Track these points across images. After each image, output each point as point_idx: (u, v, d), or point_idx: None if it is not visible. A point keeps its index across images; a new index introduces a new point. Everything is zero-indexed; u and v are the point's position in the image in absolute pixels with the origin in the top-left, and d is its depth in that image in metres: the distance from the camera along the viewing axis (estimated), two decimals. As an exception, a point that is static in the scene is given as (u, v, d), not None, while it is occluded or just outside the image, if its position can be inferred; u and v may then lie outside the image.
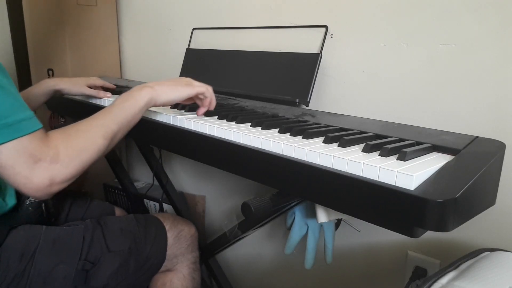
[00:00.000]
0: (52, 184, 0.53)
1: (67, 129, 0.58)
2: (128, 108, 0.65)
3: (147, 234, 0.83)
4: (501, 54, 0.70)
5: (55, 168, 0.53)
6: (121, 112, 0.64)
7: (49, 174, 0.52)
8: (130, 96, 0.67)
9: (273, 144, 0.55)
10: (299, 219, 0.87)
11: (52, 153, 0.53)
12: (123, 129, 0.64)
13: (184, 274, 0.89)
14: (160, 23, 1.39)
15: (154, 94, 0.68)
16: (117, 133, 0.63)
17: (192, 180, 1.40)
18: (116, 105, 0.65)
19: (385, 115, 0.85)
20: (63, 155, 0.54)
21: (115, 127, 0.62)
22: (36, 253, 0.68)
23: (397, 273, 0.91)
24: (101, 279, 0.74)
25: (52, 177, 0.53)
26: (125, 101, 0.66)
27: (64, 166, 0.54)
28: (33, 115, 0.54)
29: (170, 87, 0.71)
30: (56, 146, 0.54)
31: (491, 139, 0.59)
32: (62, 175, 0.54)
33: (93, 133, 0.59)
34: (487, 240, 0.76)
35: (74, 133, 0.58)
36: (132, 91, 0.68)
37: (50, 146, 0.53)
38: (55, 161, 0.53)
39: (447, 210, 0.39)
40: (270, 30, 1.04)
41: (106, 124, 0.61)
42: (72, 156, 0.55)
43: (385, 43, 0.84)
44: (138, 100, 0.66)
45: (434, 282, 0.51)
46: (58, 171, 0.53)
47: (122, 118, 0.64)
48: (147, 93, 0.68)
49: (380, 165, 0.44)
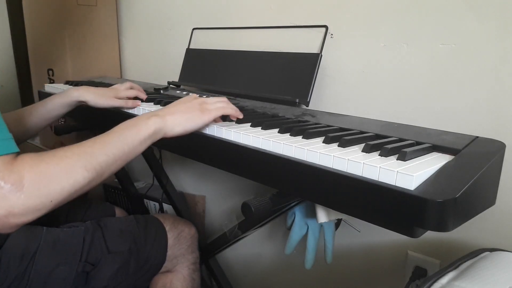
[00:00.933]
0: (9, 216, 0.44)
1: (42, 153, 0.49)
2: (127, 137, 0.56)
3: (147, 235, 0.83)
4: (501, 54, 0.70)
5: (15, 197, 0.44)
6: (117, 141, 0.55)
7: (7, 204, 0.44)
8: (133, 125, 0.58)
9: (273, 144, 0.55)
10: (299, 219, 0.87)
11: (14, 179, 0.44)
12: (116, 161, 0.54)
13: (184, 275, 0.89)
14: (160, 23, 1.39)
15: (163, 125, 0.59)
16: (107, 165, 0.53)
17: (192, 180, 1.40)
18: (114, 132, 0.56)
19: (385, 115, 0.85)
20: (27, 183, 0.45)
21: (104, 158, 0.52)
22: (36, 254, 0.68)
23: (397, 273, 0.91)
24: (101, 281, 0.74)
25: (10, 207, 0.44)
26: (126, 129, 0.57)
27: (27, 196, 0.45)
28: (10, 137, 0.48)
29: (184, 115, 0.61)
30: (21, 171, 0.45)
31: (491, 139, 0.59)
32: (23, 206, 0.45)
33: (72, 162, 0.49)
34: (487, 240, 0.76)
35: (48, 159, 0.48)
36: (138, 118, 0.59)
37: (13, 171, 0.44)
38: (16, 189, 0.44)
39: (447, 210, 0.39)
40: (270, 30, 1.04)
41: (92, 153, 0.51)
42: (38, 185, 0.45)
43: (385, 43, 0.84)
44: (142, 130, 0.57)
45: (434, 282, 0.51)
46: (18, 201, 0.44)
47: (116, 149, 0.54)
48: (155, 123, 0.58)
49: (380, 165, 0.44)
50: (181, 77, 1.21)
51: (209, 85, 1.10)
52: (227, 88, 1.04)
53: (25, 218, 0.46)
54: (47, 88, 1.21)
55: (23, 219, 0.45)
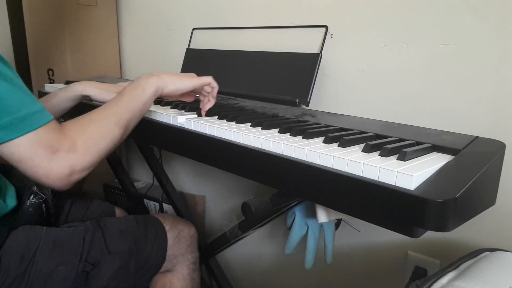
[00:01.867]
0: (72, 173, 0.54)
1: (80, 119, 0.59)
2: (137, 96, 0.65)
3: (147, 235, 0.83)
4: (501, 54, 0.70)
5: (74, 157, 0.54)
6: (132, 100, 0.65)
7: (69, 164, 0.53)
8: (138, 85, 0.67)
9: (273, 144, 0.55)
10: (299, 219, 0.87)
11: (69, 142, 0.54)
12: (135, 117, 0.65)
13: (183, 275, 0.89)
14: (160, 23, 1.39)
15: (161, 83, 0.68)
16: (130, 121, 0.64)
17: (192, 180, 1.40)
18: (126, 94, 0.65)
19: (385, 115, 0.85)
20: (80, 145, 0.55)
21: (128, 115, 0.63)
22: (36, 254, 0.68)
23: (397, 273, 0.91)
24: (101, 281, 0.74)
25: (72, 166, 0.53)
26: (134, 89, 0.66)
27: (82, 155, 0.55)
28: (44, 107, 0.54)
29: (177, 77, 0.72)
30: (72, 136, 0.54)
31: (491, 139, 0.59)
32: (81, 164, 0.55)
33: (107, 122, 0.60)
34: (487, 240, 0.76)
35: (87, 123, 0.58)
36: (139, 79, 0.68)
37: (66, 136, 0.54)
38: (72, 151, 0.53)
39: (447, 210, 0.39)
40: (270, 30, 1.04)
41: (119, 112, 0.62)
42: (89, 145, 0.56)
43: (385, 43, 0.84)
44: (146, 88, 0.67)
45: (434, 282, 0.51)
46: (77, 160, 0.54)
47: (133, 106, 0.64)
48: (155, 81, 0.68)
49: (380, 165, 0.44)
50: (181, 77, 1.21)
51: (209, 85, 1.10)
52: (227, 88, 1.04)
53: (83, 174, 0.56)
54: (47, 88, 1.21)
55: (81, 174, 0.55)
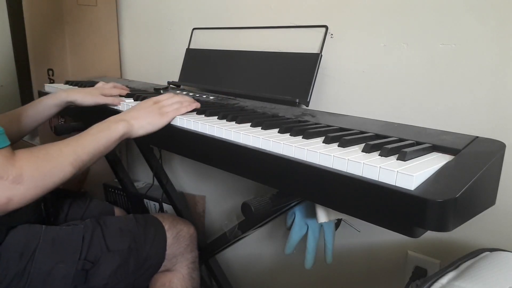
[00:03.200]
0: (9, 203, 0.52)
1: (36, 150, 0.57)
2: (101, 139, 0.65)
3: (147, 234, 0.83)
4: (501, 54, 0.70)
5: (16, 189, 0.52)
6: (95, 142, 0.64)
7: (8, 194, 0.51)
8: (106, 127, 0.67)
9: (273, 144, 0.55)
10: (299, 219, 0.87)
11: (15, 173, 0.52)
12: (93, 159, 0.64)
13: (183, 274, 0.89)
14: (160, 23, 1.39)
15: (129, 129, 0.69)
16: (87, 162, 0.63)
17: (192, 180, 1.40)
18: (91, 134, 0.65)
19: (385, 115, 0.85)
20: (27, 177, 0.53)
21: (86, 157, 0.62)
22: (35, 252, 0.68)
23: (397, 273, 0.91)
24: (101, 279, 0.74)
25: (11, 197, 0.52)
26: (100, 131, 0.66)
27: (26, 188, 0.53)
28: (3, 131, 0.53)
29: (146, 119, 0.71)
30: (21, 166, 0.53)
31: (491, 139, 0.59)
32: (22, 197, 0.53)
33: (62, 160, 0.58)
34: (487, 240, 0.76)
35: (42, 156, 0.57)
36: (109, 122, 0.68)
37: (15, 166, 0.52)
38: (16, 182, 0.52)
39: (447, 210, 0.39)
40: (270, 30, 1.04)
41: (77, 152, 0.61)
42: (36, 180, 0.54)
43: (385, 43, 0.84)
44: (113, 133, 0.67)
45: (434, 282, 0.51)
46: (18, 192, 0.52)
47: (94, 148, 0.64)
48: (123, 127, 0.68)
49: (380, 165, 0.44)
50: (181, 77, 1.21)
51: (209, 85, 1.10)
52: (227, 88, 1.04)
53: (21, 205, 0.54)
54: (47, 88, 1.21)
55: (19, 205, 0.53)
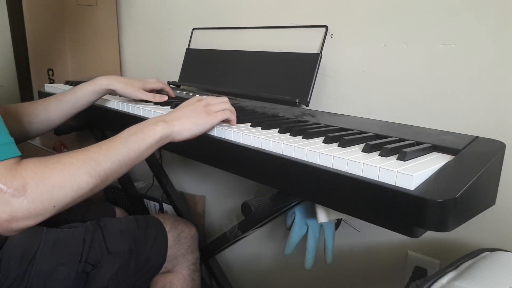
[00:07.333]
0: (12, 220, 0.44)
1: (46, 159, 0.49)
2: (133, 144, 0.55)
3: (147, 235, 0.83)
4: (501, 54, 0.70)
5: (18, 202, 0.44)
6: (123, 147, 0.54)
7: (9, 209, 0.44)
8: (140, 130, 0.57)
9: (273, 144, 0.55)
10: (299, 219, 0.87)
11: (17, 184, 0.44)
12: (121, 167, 0.53)
13: (184, 275, 0.89)
14: (160, 23, 1.39)
15: (170, 131, 0.59)
16: (112, 171, 0.52)
17: (192, 180, 1.40)
18: (119, 138, 0.55)
19: (385, 115, 0.85)
20: (31, 189, 0.45)
21: (109, 165, 0.52)
22: (36, 255, 0.68)
23: (397, 273, 0.91)
24: (101, 281, 0.74)
25: (12, 212, 0.44)
26: (132, 135, 0.56)
27: (30, 202, 0.45)
28: (12, 141, 0.48)
29: (191, 120, 0.61)
30: (25, 176, 0.45)
31: (491, 139, 0.59)
32: (26, 211, 0.45)
33: (76, 168, 0.49)
34: (487, 240, 0.76)
35: (51, 165, 0.47)
36: (146, 123, 0.58)
37: (16, 176, 0.45)
38: (19, 195, 0.44)
39: (447, 210, 0.39)
40: (270, 30, 1.04)
41: (97, 160, 0.51)
42: (41, 191, 0.46)
43: (385, 43, 0.84)
44: (149, 136, 0.56)
45: (434, 282, 0.51)
46: (22, 206, 0.44)
47: (121, 155, 0.53)
48: (162, 129, 0.58)
49: (380, 165, 0.44)
50: (181, 77, 1.21)
51: (209, 85, 1.10)
52: (227, 88, 1.04)
53: (28, 223, 0.46)
54: (47, 88, 1.21)
55: (25, 223, 0.46)
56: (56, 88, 1.14)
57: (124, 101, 0.89)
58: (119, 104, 0.88)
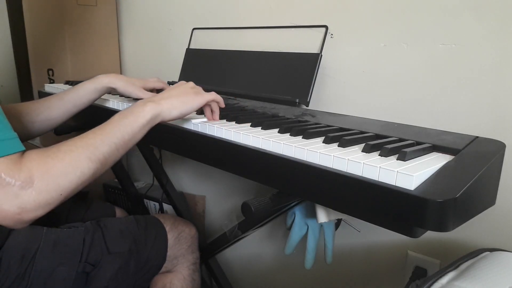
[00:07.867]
0: (23, 212, 0.46)
1: (47, 149, 0.50)
2: (125, 126, 0.57)
3: (147, 235, 0.83)
4: (501, 54, 0.70)
5: (26, 194, 0.46)
6: (116, 130, 0.56)
7: (19, 201, 0.46)
8: (130, 113, 0.59)
9: (273, 144, 0.55)
10: (299, 219, 0.87)
11: (24, 176, 0.46)
12: (118, 150, 0.56)
13: (184, 275, 0.89)
14: (160, 23, 1.39)
15: (159, 110, 0.61)
16: (110, 155, 0.55)
17: (192, 180, 1.40)
18: (112, 122, 0.57)
19: (385, 115, 0.85)
20: (37, 179, 0.47)
21: (106, 148, 0.54)
22: (36, 254, 0.68)
23: (397, 273, 0.91)
24: (102, 281, 0.74)
25: (22, 204, 0.46)
26: (123, 118, 0.58)
27: (38, 192, 0.47)
28: (15, 136, 0.49)
29: (178, 99, 0.63)
30: (30, 168, 0.47)
31: (491, 139, 0.59)
32: (34, 202, 0.46)
33: (76, 155, 0.51)
34: (487, 240, 0.76)
35: (53, 154, 0.50)
36: (134, 106, 0.60)
37: (22, 169, 0.46)
38: (26, 187, 0.46)
39: (447, 210, 0.39)
40: (270, 30, 1.04)
41: (94, 145, 0.53)
42: (47, 181, 0.47)
43: (385, 43, 0.84)
44: (139, 117, 0.58)
45: (434, 282, 0.51)
46: (30, 198, 0.46)
47: (116, 138, 0.55)
48: (152, 109, 0.60)
49: (380, 165, 0.44)
50: (181, 77, 1.21)
51: (209, 85, 1.10)
52: (227, 88, 1.04)
53: (37, 213, 0.48)
54: (47, 88, 1.21)
55: (35, 214, 0.47)
56: (56, 88, 1.14)
57: (123, 101, 0.89)
58: (118, 104, 0.88)
